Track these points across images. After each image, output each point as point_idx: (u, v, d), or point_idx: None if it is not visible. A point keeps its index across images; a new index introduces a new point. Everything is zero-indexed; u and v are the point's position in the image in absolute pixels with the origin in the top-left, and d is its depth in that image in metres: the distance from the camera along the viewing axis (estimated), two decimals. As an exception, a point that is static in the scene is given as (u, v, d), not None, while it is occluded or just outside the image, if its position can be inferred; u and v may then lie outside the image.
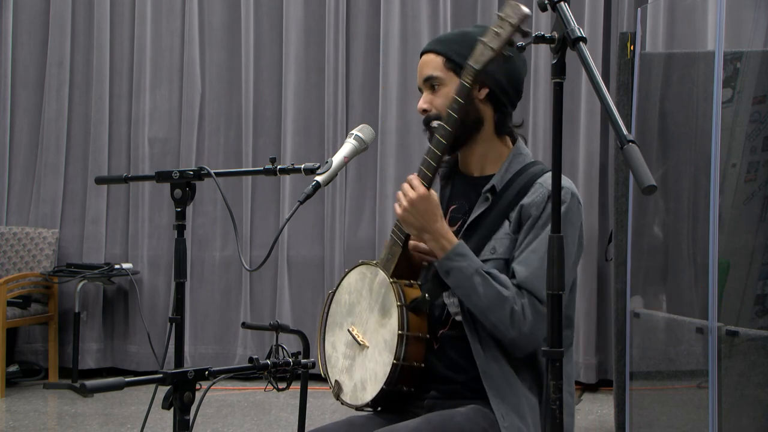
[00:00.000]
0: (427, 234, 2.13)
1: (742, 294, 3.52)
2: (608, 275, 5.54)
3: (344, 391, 2.27)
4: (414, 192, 2.13)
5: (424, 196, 2.12)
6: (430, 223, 2.12)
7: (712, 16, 3.74)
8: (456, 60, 2.19)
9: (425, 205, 2.12)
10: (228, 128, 6.22)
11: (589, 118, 5.69)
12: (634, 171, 1.56)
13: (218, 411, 5.14)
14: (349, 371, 2.27)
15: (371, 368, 2.20)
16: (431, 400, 2.22)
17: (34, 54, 6.34)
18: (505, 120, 2.25)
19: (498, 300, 2.06)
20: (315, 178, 2.13)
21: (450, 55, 2.21)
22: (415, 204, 2.12)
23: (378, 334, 2.21)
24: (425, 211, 2.12)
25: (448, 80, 2.21)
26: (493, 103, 2.23)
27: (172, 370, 1.82)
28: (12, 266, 6.01)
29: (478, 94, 2.21)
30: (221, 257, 6.18)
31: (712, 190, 3.33)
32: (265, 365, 1.95)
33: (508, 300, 2.06)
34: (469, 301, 2.10)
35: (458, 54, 2.18)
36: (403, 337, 2.13)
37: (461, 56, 2.15)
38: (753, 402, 3.44)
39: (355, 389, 2.24)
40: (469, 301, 2.10)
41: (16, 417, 5.06)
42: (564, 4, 1.72)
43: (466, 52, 2.11)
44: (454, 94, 2.11)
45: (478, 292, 2.07)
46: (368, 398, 2.19)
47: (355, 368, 2.25)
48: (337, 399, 2.29)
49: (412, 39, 5.95)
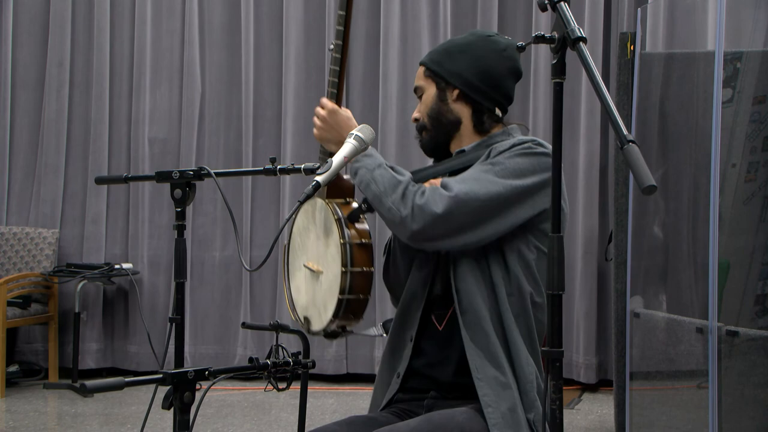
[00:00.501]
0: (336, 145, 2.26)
1: (742, 294, 3.52)
2: (608, 275, 5.54)
3: (312, 322, 2.33)
4: (323, 110, 2.31)
5: (333, 110, 2.30)
6: (343, 134, 2.26)
7: (712, 16, 3.74)
8: (433, 68, 2.31)
9: (335, 118, 2.29)
10: (228, 128, 6.22)
11: (589, 118, 5.68)
12: (634, 171, 1.56)
13: (218, 411, 5.14)
14: (313, 302, 2.35)
15: (327, 286, 2.25)
16: (431, 400, 2.24)
17: (34, 54, 6.34)
18: (482, 117, 2.30)
19: (393, 184, 2.14)
20: (315, 178, 2.13)
21: (429, 64, 2.33)
22: (327, 120, 2.30)
23: (327, 254, 2.29)
24: (336, 123, 2.29)
25: (427, 86, 2.33)
26: (468, 101, 2.30)
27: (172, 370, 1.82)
28: (12, 266, 6.01)
29: (451, 95, 2.29)
30: (221, 257, 6.18)
31: (712, 190, 3.33)
32: (265, 365, 1.95)
33: (402, 182, 2.14)
34: (369, 192, 2.18)
35: (436, 62, 2.31)
36: (346, 245, 2.22)
37: (438, 63, 2.30)
38: (753, 402, 3.44)
39: (319, 313, 2.30)
40: (369, 192, 2.18)
41: (16, 417, 5.06)
42: (564, 4, 1.72)
43: (442, 59, 2.29)
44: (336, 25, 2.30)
45: (377, 181, 2.17)
46: (330, 313, 2.24)
47: (317, 295, 2.32)
48: (308, 333, 2.33)
49: (412, 39, 5.95)
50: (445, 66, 2.29)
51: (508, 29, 5.91)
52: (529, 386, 2.13)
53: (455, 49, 2.30)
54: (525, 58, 5.84)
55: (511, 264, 2.17)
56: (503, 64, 2.30)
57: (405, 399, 2.31)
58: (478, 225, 2.11)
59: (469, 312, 2.17)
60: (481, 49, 2.29)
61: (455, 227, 2.10)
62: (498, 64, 2.29)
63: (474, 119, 2.30)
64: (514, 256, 2.17)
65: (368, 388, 5.85)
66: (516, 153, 2.17)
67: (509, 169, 2.14)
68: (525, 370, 2.14)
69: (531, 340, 2.18)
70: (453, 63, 2.28)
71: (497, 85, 2.30)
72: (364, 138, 2.31)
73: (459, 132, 2.31)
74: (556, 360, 1.69)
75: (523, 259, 2.18)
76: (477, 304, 2.16)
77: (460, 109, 2.30)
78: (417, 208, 2.09)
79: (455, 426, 2.07)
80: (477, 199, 2.10)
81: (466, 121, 2.31)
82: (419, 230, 2.10)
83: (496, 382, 2.12)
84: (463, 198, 2.09)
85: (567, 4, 1.72)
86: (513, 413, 2.10)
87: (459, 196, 2.09)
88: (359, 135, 2.30)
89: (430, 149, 2.36)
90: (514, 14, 5.93)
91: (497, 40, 2.31)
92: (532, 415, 2.12)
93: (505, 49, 2.30)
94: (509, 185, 2.13)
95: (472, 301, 2.17)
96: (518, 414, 2.11)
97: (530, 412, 2.12)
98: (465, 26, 5.95)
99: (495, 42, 2.30)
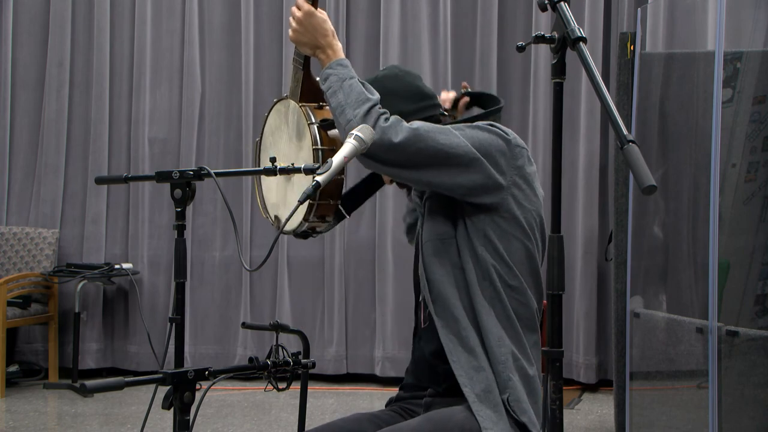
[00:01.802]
0: (318, 49, 2.25)
1: (742, 294, 3.52)
2: (608, 275, 5.54)
3: (282, 221, 2.39)
4: (299, 11, 2.25)
5: (309, 11, 2.24)
6: (319, 38, 2.24)
7: (712, 16, 3.74)
8: None
9: (311, 20, 2.24)
10: (228, 128, 6.22)
11: (589, 118, 5.68)
12: (634, 171, 1.56)
13: (218, 411, 5.14)
14: (283, 201, 2.42)
15: (299, 189, 2.28)
16: (429, 398, 2.26)
17: (34, 54, 6.34)
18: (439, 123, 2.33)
19: (360, 98, 2.13)
20: (315, 178, 2.13)
21: None
22: (302, 22, 2.24)
23: (298, 157, 2.33)
24: (312, 26, 2.24)
25: None
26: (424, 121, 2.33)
27: (172, 370, 1.82)
28: (12, 266, 6.01)
29: None
30: (221, 257, 6.18)
31: (712, 190, 3.33)
32: (265, 365, 1.95)
33: (371, 100, 2.13)
34: (334, 99, 2.16)
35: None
36: (318, 152, 2.27)
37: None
38: (753, 402, 3.44)
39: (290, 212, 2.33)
40: (334, 100, 2.17)
41: (16, 417, 5.06)
42: (564, 4, 1.72)
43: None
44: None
45: (345, 91, 2.16)
46: (301, 216, 2.30)
47: (287, 196, 2.38)
48: (279, 231, 2.34)
49: (412, 39, 5.95)
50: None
51: (508, 29, 5.91)
52: (502, 367, 2.15)
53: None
54: (525, 58, 5.84)
55: (479, 249, 2.19)
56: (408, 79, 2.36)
57: (405, 397, 2.35)
58: (423, 166, 2.13)
59: (439, 300, 2.21)
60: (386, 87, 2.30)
61: (403, 160, 2.12)
62: (407, 83, 2.35)
63: None
64: (480, 240, 2.19)
65: (368, 388, 5.87)
66: (471, 124, 2.21)
67: (465, 130, 2.17)
68: (496, 351, 2.15)
69: (510, 321, 2.19)
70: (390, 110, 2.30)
71: (423, 95, 2.35)
72: (364, 138, 2.31)
73: None
74: (556, 360, 1.69)
75: (490, 243, 2.19)
76: (446, 292, 2.19)
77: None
78: (378, 127, 2.10)
79: (455, 425, 2.09)
80: (435, 142, 2.12)
81: None
82: (370, 150, 2.09)
83: (469, 366, 2.15)
84: (422, 135, 2.11)
85: (567, 4, 1.72)
86: (488, 394, 2.13)
87: (419, 132, 2.11)
88: (359, 135, 2.30)
89: None
90: (514, 14, 5.93)
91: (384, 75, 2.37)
92: (506, 395, 2.14)
93: (397, 72, 2.37)
94: (467, 138, 2.15)
95: (441, 289, 2.20)
96: (494, 394, 2.13)
97: (504, 392, 2.14)
98: (465, 26, 5.96)
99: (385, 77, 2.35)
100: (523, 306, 2.21)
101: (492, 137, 2.18)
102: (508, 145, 2.18)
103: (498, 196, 2.17)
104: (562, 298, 1.70)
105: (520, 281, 2.20)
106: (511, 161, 2.18)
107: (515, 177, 2.19)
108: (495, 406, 2.12)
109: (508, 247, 2.20)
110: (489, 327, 2.16)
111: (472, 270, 2.18)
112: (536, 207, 2.24)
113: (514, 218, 2.19)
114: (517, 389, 2.14)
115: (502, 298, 2.18)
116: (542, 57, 5.73)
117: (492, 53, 5.87)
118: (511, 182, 2.18)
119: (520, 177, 2.20)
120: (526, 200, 2.21)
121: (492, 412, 2.11)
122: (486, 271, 2.18)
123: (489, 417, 2.11)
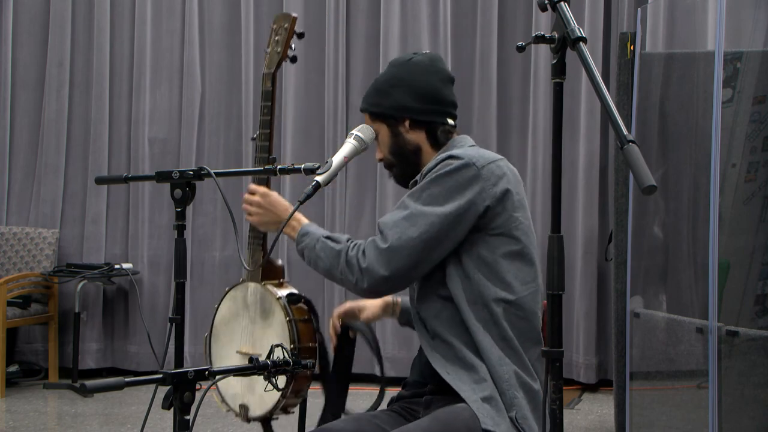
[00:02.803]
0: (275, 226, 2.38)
1: (742, 294, 3.52)
2: (608, 275, 5.53)
3: (251, 409, 2.45)
4: (255, 196, 2.41)
5: (265, 192, 2.42)
6: (281, 213, 2.38)
7: (712, 16, 3.74)
8: (377, 111, 2.38)
9: (269, 199, 2.40)
10: (228, 128, 6.22)
11: (589, 118, 5.68)
12: (634, 171, 1.56)
13: (218, 411, 5.10)
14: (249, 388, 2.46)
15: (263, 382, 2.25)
16: (429, 396, 2.27)
17: (34, 54, 6.34)
18: (436, 134, 2.37)
19: (334, 255, 2.24)
20: (315, 178, 2.14)
21: (371, 108, 2.40)
22: (262, 204, 2.40)
23: (266, 335, 2.41)
24: (272, 204, 2.39)
25: (379, 128, 2.39)
26: (420, 126, 2.36)
27: (172, 370, 1.82)
28: (12, 266, 6.01)
29: (404, 127, 2.36)
30: (221, 257, 6.18)
31: (712, 190, 3.33)
32: (265, 365, 1.95)
33: (341, 252, 2.23)
34: (319, 269, 2.29)
35: (376, 104, 2.38)
36: (292, 322, 2.37)
37: (378, 105, 2.37)
38: (753, 402, 3.44)
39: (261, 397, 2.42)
40: (319, 269, 2.29)
41: (16, 417, 5.06)
42: (564, 4, 1.72)
43: (380, 99, 2.36)
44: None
45: (321, 257, 2.27)
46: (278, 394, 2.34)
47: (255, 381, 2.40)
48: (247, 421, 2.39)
49: (412, 39, 5.95)
50: (386, 104, 2.36)
51: (508, 29, 5.91)
52: (506, 385, 2.16)
53: (386, 85, 2.37)
54: (525, 58, 5.84)
55: (470, 272, 2.21)
56: (433, 78, 2.37)
57: (406, 396, 2.37)
58: (420, 264, 2.20)
59: (436, 337, 2.24)
60: (409, 74, 2.36)
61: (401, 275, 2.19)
62: (430, 81, 2.36)
63: (430, 140, 2.37)
64: (472, 263, 2.22)
65: (368, 388, 5.84)
66: (434, 178, 2.23)
67: (434, 195, 2.21)
68: (498, 369, 2.17)
69: (506, 341, 2.20)
70: (392, 98, 2.35)
71: (438, 99, 2.36)
72: (364, 138, 2.31)
73: (422, 155, 2.37)
74: (556, 360, 1.69)
75: (484, 264, 2.21)
76: (439, 329, 2.23)
77: (416, 136, 2.36)
78: (363, 271, 2.19)
79: (462, 424, 2.10)
80: (411, 241, 2.17)
81: (424, 144, 2.37)
82: (370, 289, 2.21)
83: (470, 379, 2.17)
84: (397, 246, 2.17)
85: (567, 4, 1.72)
86: (493, 400, 2.14)
87: (393, 246, 2.17)
88: (359, 135, 2.31)
89: (404, 182, 2.41)
90: (514, 14, 5.93)
91: (418, 61, 2.38)
92: (513, 413, 2.14)
93: (429, 64, 2.38)
94: (437, 214, 2.18)
95: (435, 326, 2.24)
96: (498, 402, 2.14)
97: (511, 410, 2.14)
98: (465, 26, 5.96)
99: (417, 63, 2.37)
100: (522, 320, 2.23)
101: (451, 181, 2.20)
102: (477, 179, 2.20)
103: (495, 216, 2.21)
104: (562, 298, 1.70)
105: (518, 294, 2.22)
106: (484, 192, 2.21)
107: (492, 201, 2.21)
108: (498, 411, 2.12)
109: (507, 262, 2.22)
110: (487, 348, 2.18)
111: (462, 295, 2.21)
112: (521, 212, 2.26)
113: (504, 230, 2.22)
114: (523, 407, 2.16)
115: (496, 318, 2.20)
116: (542, 57, 5.72)
117: (492, 53, 5.86)
118: (492, 203, 2.21)
119: (496, 199, 2.21)
120: (511, 210, 2.23)
121: (495, 412, 2.11)
122: (478, 294, 2.20)
123: (490, 415, 2.11)
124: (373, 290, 2.22)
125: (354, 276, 2.19)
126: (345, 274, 2.21)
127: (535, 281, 2.26)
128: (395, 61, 2.42)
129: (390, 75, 2.38)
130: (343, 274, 2.21)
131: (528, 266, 2.25)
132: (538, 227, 6.65)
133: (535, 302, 2.26)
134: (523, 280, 2.23)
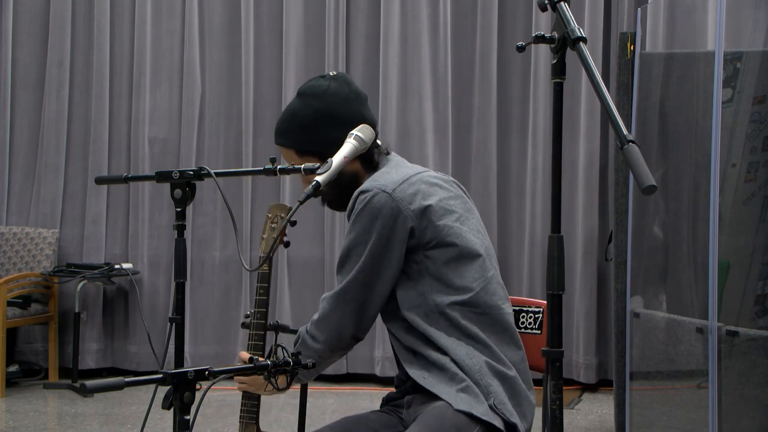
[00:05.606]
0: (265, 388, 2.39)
1: (742, 294, 3.52)
2: (608, 275, 5.54)
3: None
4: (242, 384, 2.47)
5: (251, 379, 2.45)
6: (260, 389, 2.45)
7: (712, 16, 3.74)
8: (303, 148, 2.39)
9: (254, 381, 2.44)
10: (228, 128, 6.22)
11: (589, 118, 5.69)
12: (634, 171, 1.56)
13: (218, 411, 5.14)
14: None
15: None
16: (410, 396, 2.30)
17: (34, 54, 6.34)
18: (372, 159, 2.38)
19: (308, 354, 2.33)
20: (315, 178, 2.13)
21: (296, 146, 2.41)
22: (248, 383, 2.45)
23: None
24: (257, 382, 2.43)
25: (311, 161, 2.36)
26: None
27: (172, 370, 1.82)
28: (12, 266, 6.01)
29: None
30: (221, 257, 6.18)
31: (712, 190, 3.33)
32: (265, 365, 1.95)
33: (305, 337, 2.35)
34: (323, 367, 2.41)
35: (300, 142, 2.39)
36: None
37: (303, 143, 2.38)
38: (753, 402, 3.44)
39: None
40: (323, 367, 2.42)
41: (16, 417, 5.06)
42: (564, 4, 1.72)
43: (303, 137, 2.37)
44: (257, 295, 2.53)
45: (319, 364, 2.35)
46: None
47: None
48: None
49: (412, 39, 5.95)
50: (317, 140, 2.36)
51: (508, 29, 5.91)
52: (479, 375, 2.17)
53: (310, 121, 2.36)
54: (525, 58, 5.84)
55: (421, 288, 2.24)
56: (354, 106, 2.37)
57: (395, 397, 2.40)
58: (364, 307, 2.27)
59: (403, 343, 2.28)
60: (330, 108, 2.35)
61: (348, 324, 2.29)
62: (351, 109, 2.37)
63: (365, 165, 2.38)
64: (421, 280, 2.24)
65: (368, 388, 5.87)
66: (353, 219, 2.28)
67: (358, 234, 2.26)
68: (468, 363, 2.18)
69: (471, 337, 2.21)
70: (320, 135, 2.35)
71: (356, 120, 2.34)
72: (364, 138, 2.31)
73: (358, 180, 2.37)
74: (556, 360, 1.69)
75: (431, 277, 2.24)
76: (408, 338, 2.26)
77: (353, 166, 2.35)
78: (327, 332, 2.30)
79: (450, 425, 2.11)
80: (345, 293, 2.27)
81: (358, 168, 2.38)
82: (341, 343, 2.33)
83: (444, 377, 2.19)
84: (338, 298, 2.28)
85: (567, 4, 1.72)
86: (469, 389, 2.16)
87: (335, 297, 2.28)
88: (359, 135, 2.31)
89: (341, 207, 2.45)
90: (514, 14, 5.93)
91: (334, 90, 2.37)
92: (491, 400, 2.15)
93: (347, 92, 2.37)
94: (362, 256, 2.24)
95: (393, 332, 2.30)
96: (474, 390, 2.15)
97: (489, 398, 2.15)
98: (465, 26, 5.96)
99: (334, 94, 2.36)
100: (481, 315, 2.24)
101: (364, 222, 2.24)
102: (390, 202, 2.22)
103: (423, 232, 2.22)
104: (562, 298, 1.70)
105: (467, 293, 2.22)
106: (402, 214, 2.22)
107: (415, 221, 2.22)
108: (476, 397, 2.14)
109: (445, 271, 2.23)
110: (453, 348, 2.20)
111: (416, 315, 2.23)
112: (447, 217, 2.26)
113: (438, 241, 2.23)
114: (499, 393, 2.17)
115: (457, 322, 2.22)
116: (542, 57, 5.73)
117: (492, 53, 5.87)
118: (416, 222, 2.22)
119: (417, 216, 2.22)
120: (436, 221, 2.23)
121: (472, 398, 2.13)
122: (434, 306, 2.22)
123: (467, 401, 2.12)
124: (341, 341, 2.32)
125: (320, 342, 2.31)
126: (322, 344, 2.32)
127: (483, 275, 2.26)
128: (309, 92, 2.38)
129: (311, 110, 2.36)
130: (334, 350, 2.35)
131: (471, 264, 2.24)
132: (538, 227, 6.65)
133: (489, 293, 2.25)
134: (471, 278, 2.24)
